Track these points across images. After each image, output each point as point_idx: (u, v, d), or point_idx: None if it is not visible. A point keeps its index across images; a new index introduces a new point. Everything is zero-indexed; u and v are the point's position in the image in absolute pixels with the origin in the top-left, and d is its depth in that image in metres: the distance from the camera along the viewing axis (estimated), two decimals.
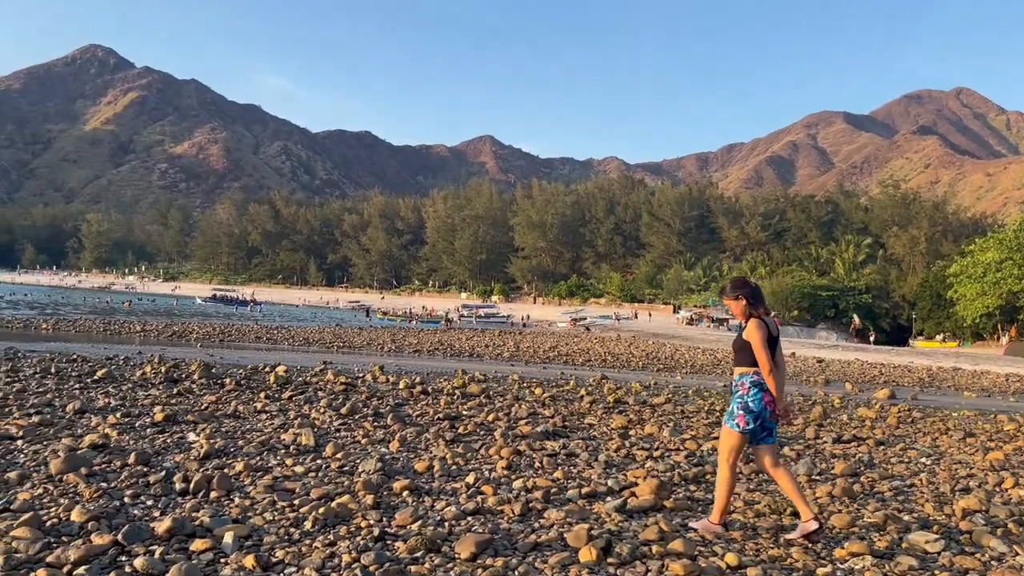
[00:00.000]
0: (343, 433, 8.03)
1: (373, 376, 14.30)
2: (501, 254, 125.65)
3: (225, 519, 4.62)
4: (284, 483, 5.65)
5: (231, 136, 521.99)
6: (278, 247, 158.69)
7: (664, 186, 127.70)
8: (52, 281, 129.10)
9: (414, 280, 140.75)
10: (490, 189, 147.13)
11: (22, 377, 11.50)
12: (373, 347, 27.34)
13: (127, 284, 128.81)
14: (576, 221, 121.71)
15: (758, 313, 5.09)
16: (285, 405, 9.88)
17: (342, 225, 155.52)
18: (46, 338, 23.36)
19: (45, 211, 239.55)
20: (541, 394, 12.67)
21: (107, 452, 6.45)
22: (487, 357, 25.37)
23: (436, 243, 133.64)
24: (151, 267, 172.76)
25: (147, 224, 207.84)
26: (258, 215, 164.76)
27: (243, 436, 7.55)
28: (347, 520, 4.81)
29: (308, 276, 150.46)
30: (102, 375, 11.90)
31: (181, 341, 25.25)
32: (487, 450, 7.30)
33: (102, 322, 33.45)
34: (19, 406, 8.67)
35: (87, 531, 4.36)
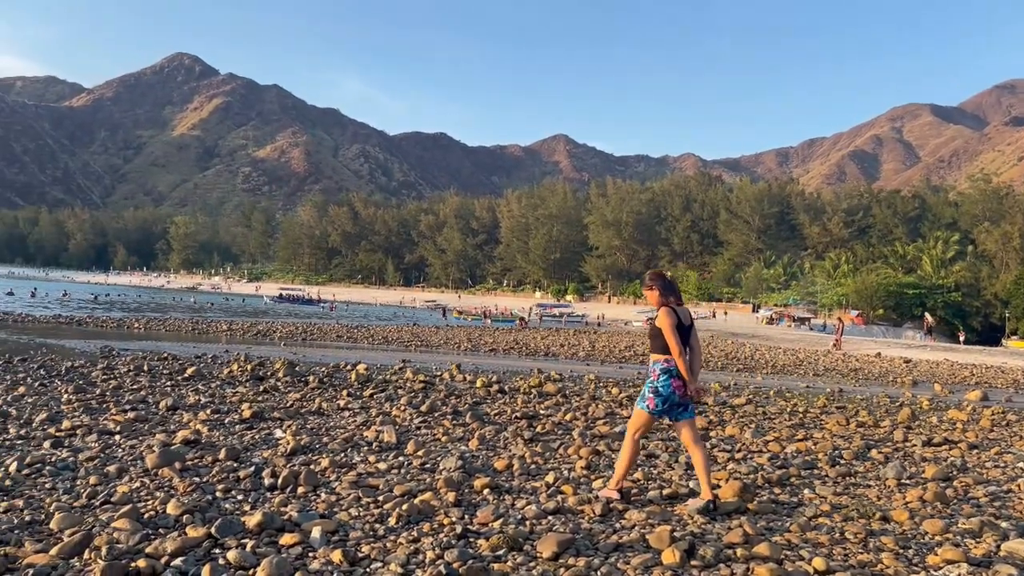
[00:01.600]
0: (423, 431, 8.14)
1: (451, 375, 14.44)
2: (575, 253, 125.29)
3: (312, 514, 4.73)
4: (368, 479, 5.76)
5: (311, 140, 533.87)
6: (357, 248, 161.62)
7: (743, 182, 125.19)
8: (142, 282, 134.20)
9: (489, 279, 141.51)
10: (564, 188, 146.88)
11: (117, 374, 11.99)
12: (450, 346, 27.60)
13: (213, 285, 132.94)
14: (652, 219, 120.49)
15: (668, 302, 5.56)
16: (367, 403, 10.06)
17: (419, 226, 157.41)
18: (138, 337, 24.29)
19: (136, 214, 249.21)
20: (618, 394, 12.60)
21: (199, 448, 6.68)
22: (562, 356, 25.33)
23: (510, 243, 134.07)
24: (236, 268, 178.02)
25: (232, 226, 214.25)
26: (338, 217, 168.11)
27: (327, 433, 7.72)
28: (430, 517, 4.87)
29: (386, 276, 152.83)
30: (192, 373, 12.32)
31: (265, 340, 25.93)
32: (566, 449, 7.30)
33: (190, 321, 34.64)
34: (116, 402, 9.05)
35: (182, 524, 4.52)
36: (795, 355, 31.67)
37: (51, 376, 11.35)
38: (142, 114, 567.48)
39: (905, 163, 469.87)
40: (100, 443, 6.76)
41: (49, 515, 4.61)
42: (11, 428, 7.29)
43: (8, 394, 9.38)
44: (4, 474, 5.46)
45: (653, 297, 5.66)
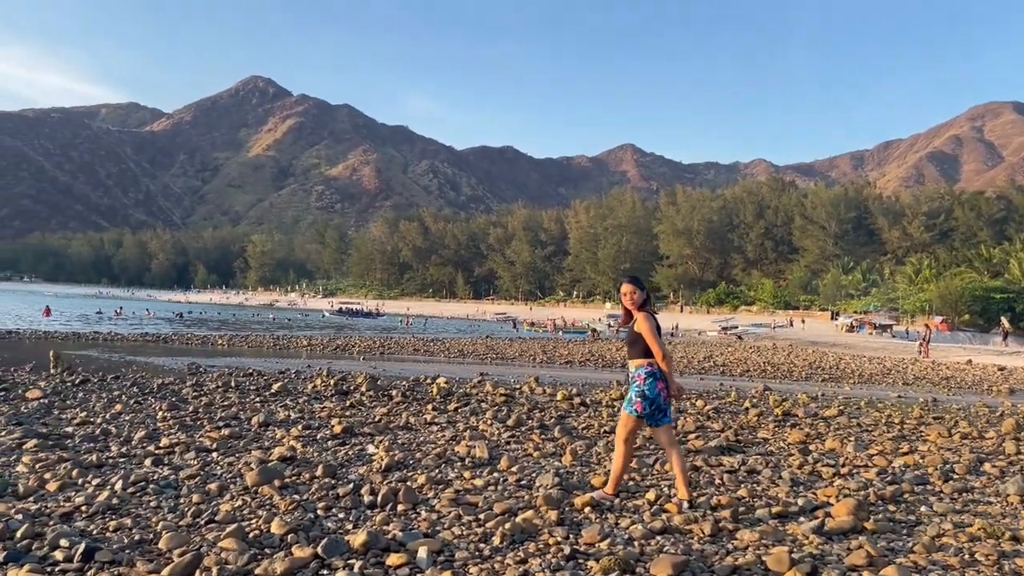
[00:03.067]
0: (513, 445, 8.02)
1: (530, 387, 14.32)
2: (645, 263, 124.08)
3: (416, 533, 4.65)
4: (466, 497, 5.66)
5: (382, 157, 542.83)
6: (427, 262, 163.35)
7: (817, 187, 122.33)
8: (221, 299, 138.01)
9: (558, 291, 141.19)
10: (633, 197, 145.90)
11: (207, 391, 12.21)
12: (525, 358, 27.50)
13: (290, 301, 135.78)
14: (724, 227, 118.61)
15: (648, 308, 5.72)
16: (452, 417, 10.00)
17: (487, 239, 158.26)
18: (222, 353, 24.84)
19: (214, 234, 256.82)
20: (703, 406, 12.28)
21: (295, 464, 6.68)
22: None
23: (579, 254, 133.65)
24: (311, 284, 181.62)
25: (306, 243, 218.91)
26: (408, 232, 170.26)
27: (419, 448, 7.66)
28: (534, 536, 4.74)
29: (456, 289, 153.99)
30: (278, 388, 12.46)
31: (344, 354, 26.24)
32: (662, 465, 7.09)
33: (271, 337, 35.33)
34: (209, 419, 9.18)
35: (287, 543, 4.49)
36: (881, 364, 30.61)
37: (144, 394, 11.61)
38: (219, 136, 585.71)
39: (987, 163, 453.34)
40: (199, 461, 6.83)
41: (157, 534, 4.63)
42: (112, 446, 7.43)
43: (106, 412, 9.60)
44: (111, 493, 5.53)
45: (635, 299, 5.72)
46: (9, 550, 4.25)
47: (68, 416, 9.18)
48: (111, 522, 4.88)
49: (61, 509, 5.15)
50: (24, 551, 4.27)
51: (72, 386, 12.24)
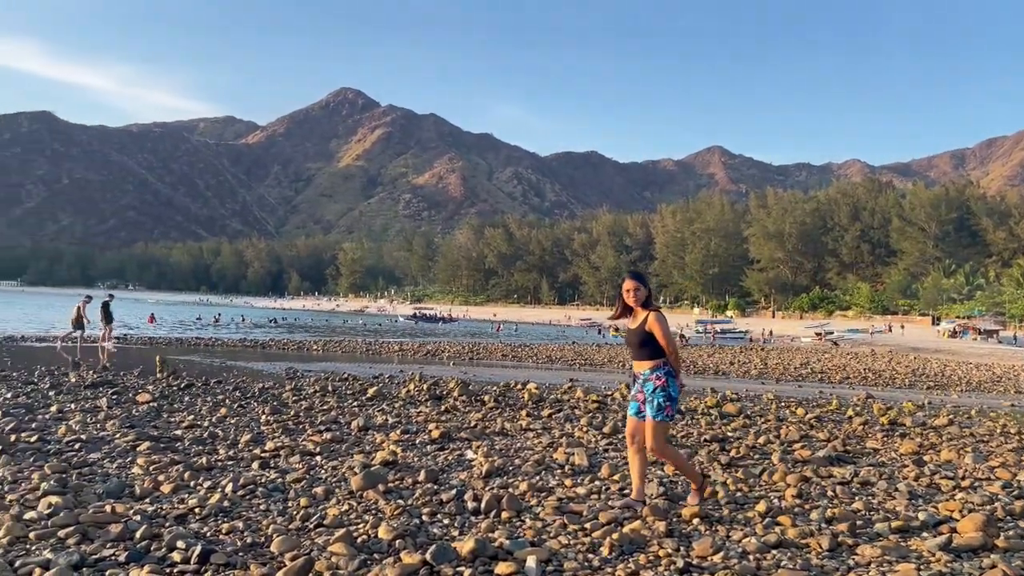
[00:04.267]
0: (612, 453, 7.89)
1: (622, 394, 14.12)
2: (735, 267, 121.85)
3: (522, 542, 4.58)
4: (570, 505, 5.57)
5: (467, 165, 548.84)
6: (512, 268, 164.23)
7: (916, 187, 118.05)
8: (313, 306, 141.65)
9: None
10: (721, 200, 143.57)
11: (306, 395, 12.46)
12: (614, 364, 27.23)
13: (379, 307, 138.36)
14: (817, 229, 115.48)
15: (656, 306, 5.50)
16: (547, 423, 9.93)
17: (572, 244, 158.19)
18: (317, 358, 25.39)
19: (307, 242, 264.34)
20: (804, 415, 11.88)
21: (397, 469, 6.71)
22: (733, 375, 24.41)
23: (666, 258, 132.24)
24: (399, 290, 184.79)
25: (395, 251, 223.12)
26: (493, 238, 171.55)
27: (517, 455, 7.62)
28: (643, 547, 4.62)
29: (541, 295, 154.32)
30: (373, 393, 12.62)
31: (434, 360, 26.50)
32: (769, 476, 6.84)
33: (364, 342, 35.99)
34: (310, 423, 9.34)
35: (395, 549, 4.48)
36: (990, 371, 29.18)
37: (247, 398, 11.91)
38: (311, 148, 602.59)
39: None
40: (303, 464, 6.93)
41: (268, 538, 4.69)
42: (220, 449, 7.62)
43: (212, 415, 9.88)
44: (222, 495, 5.65)
45: (640, 297, 5.49)
46: (130, 550, 4.36)
47: (176, 419, 9.47)
48: (224, 524, 4.97)
49: (175, 511, 5.28)
50: (143, 552, 4.38)
51: (178, 390, 12.66)
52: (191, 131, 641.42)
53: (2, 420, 8.88)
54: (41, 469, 6.41)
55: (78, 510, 5.11)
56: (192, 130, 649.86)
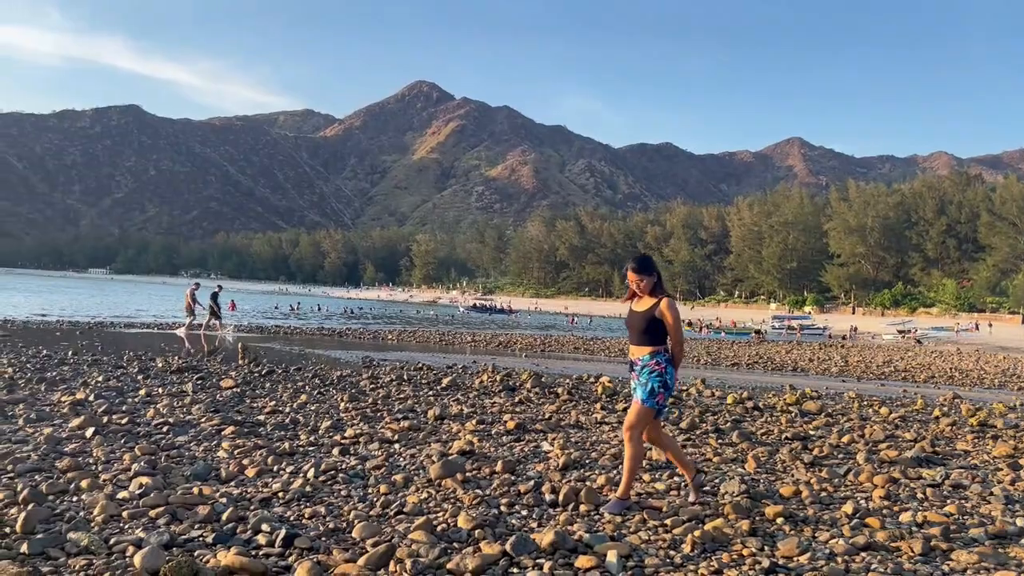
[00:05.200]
0: (689, 449, 7.77)
1: (697, 390, 13.91)
2: (814, 262, 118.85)
3: (602, 536, 4.54)
4: (649, 500, 5.49)
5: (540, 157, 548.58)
6: (584, 261, 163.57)
7: (1008, 180, 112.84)
8: (388, 296, 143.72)
9: (719, 291, 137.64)
10: (800, 193, 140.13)
11: (382, 384, 12.62)
12: (688, 359, 26.87)
13: (451, 298, 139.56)
14: (901, 224, 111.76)
15: (667, 293, 5.29)
16: (622, 417, 9.83)
17: (645, 237, 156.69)
18: (391, 348, 25.73)
19: (382, 234, 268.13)
20: (888, 414, 11.49)
21: (474, 459, 6.74)
22: (812, 372, 23.81)
23: (742, 252, 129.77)
24: (471, 282, 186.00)
25: (467, 243, 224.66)
26: (565, 231, 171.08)
27: (593, 448, 7.57)
28: (726, 546, 4.52)
29: (612, 288, 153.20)
30: (448, 383, 12.71)
31: (506, 351, 26.57)
32: (855, 476, 6.63)
33: (437, 332, 36.35)
34: (388, 411, 9.46)
35: (475, 539, 4.48)
36: None
37: (326, 385, 12.13)
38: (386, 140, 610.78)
39: None
40: (382, 451, 7.02)
41: (350, 523, 4.75)
42: (301, 435, 7.77)
43: (292, 402, 10.09)
44: (304, 480, 5.75)
45: (649, 284, 5.30)
46: (217, 532, 4.47)
47: (259, 405, 9.70)
48: (306, 509, 5.05)
49: (260, 494, 5.40)
50: (230, 533, 4.48)
51: (260, 376, 12.97)
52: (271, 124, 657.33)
53: (95, 402, 9.23)
54: (132, 450, 6.64)
55: (167, 491, 5.27)
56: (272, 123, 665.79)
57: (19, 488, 5.21)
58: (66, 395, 9.74)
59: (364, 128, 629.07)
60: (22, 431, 7.38)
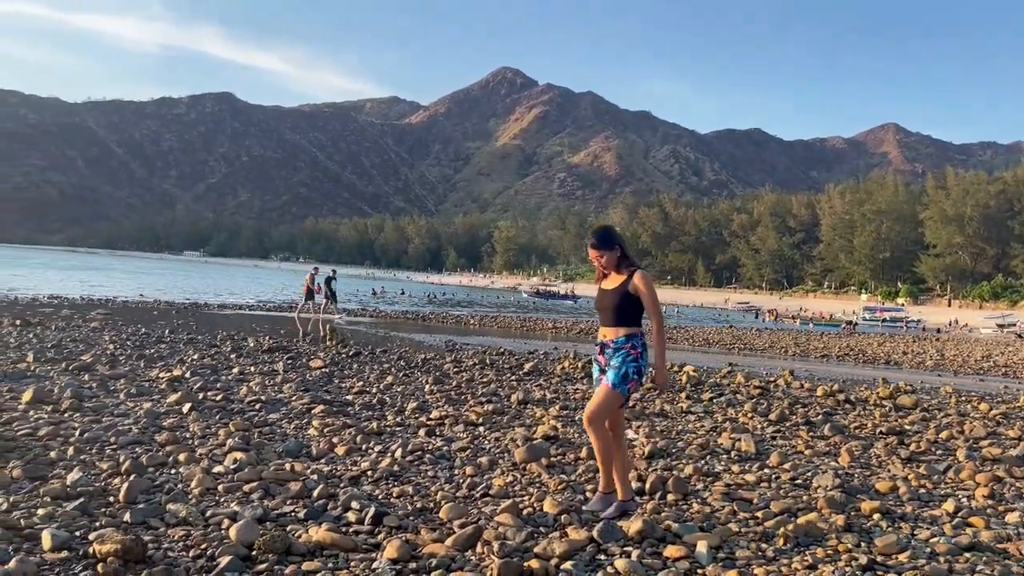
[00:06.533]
0: (780, 441, 7.58)
1: (785, 381, 13.56)
2: (908, 252, 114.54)
3: (691, 526, 4.45)
4: (739, 492, 5.37)
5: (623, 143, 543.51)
6: (667, 248, 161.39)
7: None
8: (469, 282, 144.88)
9: (807, 280, 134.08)
10: (895, 181, 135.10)
11: (465, 367, 12.72)
12: (775, 350, 26.27)
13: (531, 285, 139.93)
14: (1003, 213, 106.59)
15: (637, 264, 4.68)
16: (709, 407, 9.67)
17: (731, 225, 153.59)
18: (473, 332, 25.93)
19: (464, 220, 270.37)
20: (988, 410, 10.98)
21: (558, 444, 6.72)
22: (906, 365, 22.98)
23: (832, 241, 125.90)
24: (552, 269, 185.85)
25: (548, 229, 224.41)
26: (648, 218, 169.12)
27: (679, 437, 7.45)
28: (820, 540, 4.37)
29: (696, 277, 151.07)
30: (529, 368, 12.72)
31: (586, 338, 26.45)
32: (955, 473, 6.35)
33: (518, 318, 36.47)
34: (472, 394, 9.53)
35: (561, 524, 4.46)
36: None
37: (410, 367, 12.29)
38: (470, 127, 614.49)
39: None
40: (467, 434, 7.07)
41: (437, 504, 4.79)
42: (388, 415, 7.89)
43: (379, 383, 10.25)
44: (392, 460, 5.83)
45: (611, 259, 4.69)
46: (308, 508, 4.57)
47: (347, 385, 9.90)
48: (394, 488, 5.12)
49: (349, 472, 5.49)
50: (321, 510, 4.57)
51: (347, 358, 13.23)
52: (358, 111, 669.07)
53: (191, 379, 9.57)
54: (226, 426, 6.85)
55: (260, 467, 5.41)
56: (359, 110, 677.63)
57: (121, 460, 5.43)
58: (164, 372, 10.12)
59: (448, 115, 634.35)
60: (123, 405, 7.70)
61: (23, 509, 4.30)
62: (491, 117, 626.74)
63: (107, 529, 4.00)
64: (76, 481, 4.82)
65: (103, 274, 67.48)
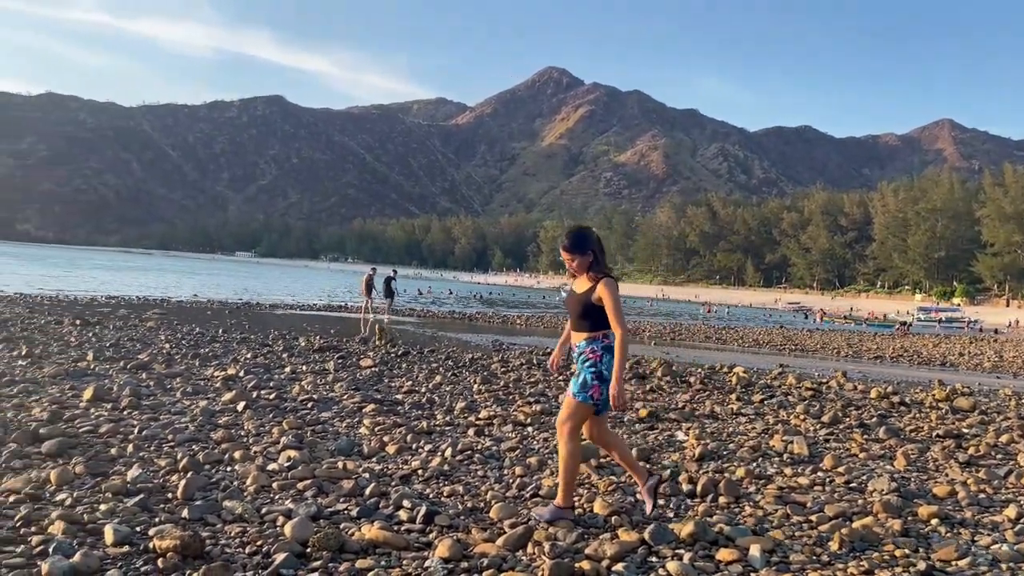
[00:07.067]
0: (833, 444, 7.46)
1: (838, 382, 13.34)
2: (964, 251, 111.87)
3: (743, 529, 4.41)
4: (792, 495, 5.31)
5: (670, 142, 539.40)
6: (715, 248, 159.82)
7: None
8: (515, 282, 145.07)
9: (859, 280, 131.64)
10: (950, 178, 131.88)
11: (512, 367, 12.74)
12: (827, 351, 25.84)
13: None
14: None
15: (607, 271, 4.62)
16: (760, 408, 9.55)
17: (780, 224, 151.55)
18: (520, 332, 25.96)
19: (510, 220, 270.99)
20: None
21: None
22: (963, 367, 22.43)
23: (885, 240, 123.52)
24: None
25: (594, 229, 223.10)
26: (696, 217, 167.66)
27: (730, 439, 7.38)
28: (876, 546, 4.30)
29: (745, 277, 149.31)
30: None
31: (634, 339, 26.32)
32: (1017, 479, 6.19)
33: (564, 318, 36.39)
34: (519, 394, 9.54)
35: (612, 525, 4.45)
36: None
37: (458, 367, 12.36)
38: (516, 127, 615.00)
39: None
40: (516, 434, 7.09)
41: (487, 503, 4.81)
42: (438, 414, 7.95)
43: (428, 382, 10.33)
44: (442, 459, 5.88)
45: (582, 264, 4.63)
46: (361, 506, 4.62)
47: (396, 385, 9.99)
48: (445, 487, 5.16)
49: (400, 471, 5.55)
50: (373, 508, 4.62)
51: (396, 357, 13.35)
52: (406, 113, 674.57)
53: (245, 378, 9.74)
54: (280, 424, 6.96)
55: (313, 465, 5.49)
56: (407, 112, 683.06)
57: (179, 457, 5.55)
58: (218, 370, 10.33)
59: (494, 115, 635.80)
60: (180, 403, 7.88)
61: (86, 504, 4.42)
62: (537, 117, 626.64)
63: (166, 525, 4.09)
64: (136, 477, 4.94)
65: (157, 275, 69.05)
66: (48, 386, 8.41)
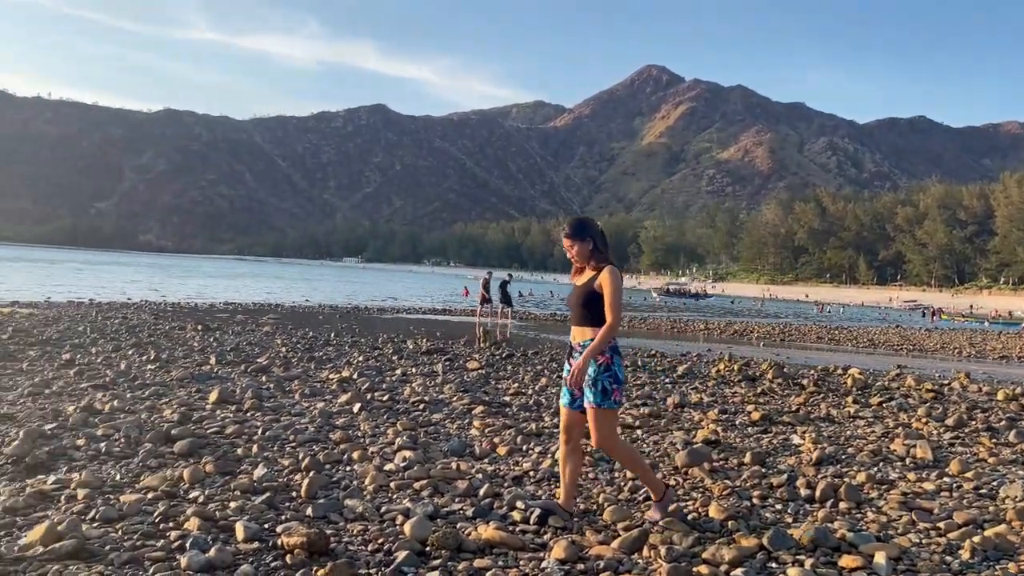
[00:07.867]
0: (959, 448, 7.13)
1: (961, 384, 12.73)
2: None
3: (867, 535, 4.28)
4: (917, 501, 5.11)
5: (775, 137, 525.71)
6: (825, 245, 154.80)
7: None
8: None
9: (981, 276, 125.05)
10: None
11: None
12: (948, 351, 24.67)
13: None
14: None
15: (610, 259, 4.46)
16: (878, 411, 9.21)
17: (894, 219, 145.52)
18: (621, 334, 25.77)
19: (610, 220, 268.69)
20: None
21: (720, 448, 6.60)
22: None
23: (1009, 233, 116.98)
24: (701, 268, 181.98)
25: (697, 228, 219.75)
26: (804, 213, 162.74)
27: (848, 443, 7.15)
28: (1011, 555, 4.10)
29: (857, 274, 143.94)
30: (683, 371, 12.54)
31: (742, 340, 25.77)
32: None
33: (667, 320, 35.98)
34: (627, 397, 9.49)
35: (728, 530, 4.39)
36: None
37: (562, 369, 12.38)
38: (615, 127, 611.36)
39: None
40: (625, 437, 7.05)
41: (600, 506, 4.82)
42: (545, 416, 7.98)
43: (534, 384, 10.40)
44: (553, 461, 5.90)
45: (583, 251, 4.46)
46: (476, 506, 4.71)
47: (503, 387, 10.10)
48: (556, 489, 5.19)
49: (512, 472, 5.62)
50: (487, 508, 4.70)
51: (501, 359, 13.49)
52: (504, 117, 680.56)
53: (359, 380, 10.03)
54: (394, 425, 7.15)
55: (428, 465, 5.62)
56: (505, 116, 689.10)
57: (301, 457, 5.78)
58: (333, 373, 10.67)
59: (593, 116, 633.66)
60: (299, 405, 8.18)
61: (217, 502, 4.66)
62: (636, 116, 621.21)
63: (292, 522, 4.28)
64: (262, 476, 5.17)
65: (271, 281, 71.73)
66: (176, 389, 8.88)
